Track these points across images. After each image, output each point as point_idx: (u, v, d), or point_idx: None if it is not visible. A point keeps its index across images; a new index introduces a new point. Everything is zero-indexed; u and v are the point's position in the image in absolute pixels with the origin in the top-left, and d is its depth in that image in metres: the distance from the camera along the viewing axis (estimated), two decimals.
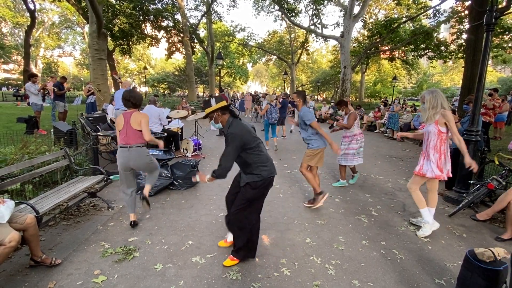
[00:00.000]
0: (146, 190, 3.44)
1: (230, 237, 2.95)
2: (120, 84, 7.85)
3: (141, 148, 3.18)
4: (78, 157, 4.83)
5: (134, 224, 3.33)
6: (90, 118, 6.56)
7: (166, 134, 5.92)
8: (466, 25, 15.15)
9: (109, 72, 21.75)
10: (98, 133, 5.17)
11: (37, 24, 28.15)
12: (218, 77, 19.29)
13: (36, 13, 22.94)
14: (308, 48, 32.43)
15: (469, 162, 3.03)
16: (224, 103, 2.51)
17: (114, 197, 4.26)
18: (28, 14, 23.14)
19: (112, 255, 2.79)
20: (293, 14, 23.42)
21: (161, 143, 3.60)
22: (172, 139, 6.65)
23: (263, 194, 2.64)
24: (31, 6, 21.09)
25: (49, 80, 10.17)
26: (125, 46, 21.79)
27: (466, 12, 15.18)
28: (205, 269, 2.60)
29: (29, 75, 8.58)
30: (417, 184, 3.39)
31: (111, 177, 4.86)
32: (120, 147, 3.15)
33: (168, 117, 7.43)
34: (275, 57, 36.98)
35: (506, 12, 9.35)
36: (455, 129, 3.07)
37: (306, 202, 4.22)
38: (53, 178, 4.21)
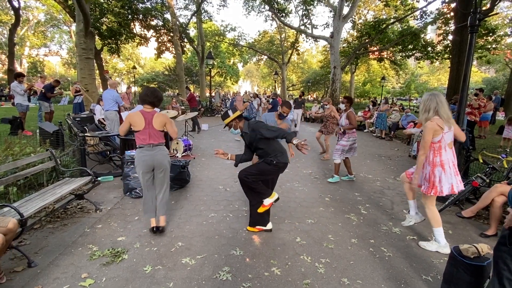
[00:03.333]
0: (162, 221, 3.21)
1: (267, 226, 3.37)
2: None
3: (163, 147, 3.20)
4: (65, 159, 4.73)
5: (158, 230, 3.14)
6: (78, 119, 6.42)
7: None
8: (452, 27, 15.52)
9: (97, 71, 21.37)
10: (86, 134, 5.07)
11: (21, 22, 27.41)
12: (209, 77, 19.22)
13: (20, 11, 22.31)
14: (298, 48, 32.58)
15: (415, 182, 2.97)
16: (239, 112, 3.12)
17: (102, 199, 4.18)
18: (12, 12, 22.52)
19: (100, 257, 2.74)
20: (284, 14, 23.49)
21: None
22: None
23: (275, 172, 3.13)
24: (16, 4, 20.50)
25: (38, 80, 9.94)
26: (113, 45, 21.46)
27: (452, 14, 15.54)
28: (195, 270, 2.59)
29: (15, 75, 8.31)
30: (429, 200, 3.00)
31: (99, 178, 4.80)
32: (141, 147, 3.08)
33: None
34: (265, 57, 37.03)
35: (490, 14, 9.60)
36: (425, 143, 2.80)
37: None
38: (38, 180, 4.11)
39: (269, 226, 3.34)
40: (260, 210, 3.10)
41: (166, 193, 3.28)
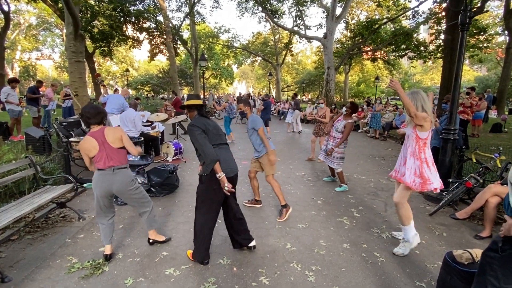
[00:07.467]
0: (153, 235, 3.02)
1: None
2: (116, 90, 8.13)
3: (126, 170, 2.70)
4: (49, 165, 4.57)
5: (109, 258, 2.74)
6: (64, 123, 6.25)
7: (142, 138, 5.69)
8: (444, 26, 15.57)
9: (90, 75, 21.13)
10: (71, 139, 4.91)
11: (12, 26, 27.06)
12: (203, 79, 19.07)
13: (11, 15, 22.01)
14: (292, 49, 32.60)
15: None
16: (200, 102, 2.74)
17: (87, 207, 4.03)
18: (2, 15, 22.18)
19: (79, 270, 2.60)
20: (277, 15, 23.48)
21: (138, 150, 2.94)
22: (151, 144, 6.43)
23: (212, 192, 2.59)
24: (5, 8, 20.21)
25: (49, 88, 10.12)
26: (105, 48, 21.23)
27: (444, 13, 15.62)
28: (178, 282, 2.46)
29: (9, 80, 8.18)
30: (404, 197, 2.90)
31: (85, 185, 4.67)
32: (100, 169, 2.59)
33: (148, 121, 7.19)
34: (260, 58, 37.00)
35: (480, 12, 9.58)
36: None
37: (247, 201, 4.21)
38: (20, 188, 3.96)
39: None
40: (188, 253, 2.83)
41: (146, 210, 2.88)
